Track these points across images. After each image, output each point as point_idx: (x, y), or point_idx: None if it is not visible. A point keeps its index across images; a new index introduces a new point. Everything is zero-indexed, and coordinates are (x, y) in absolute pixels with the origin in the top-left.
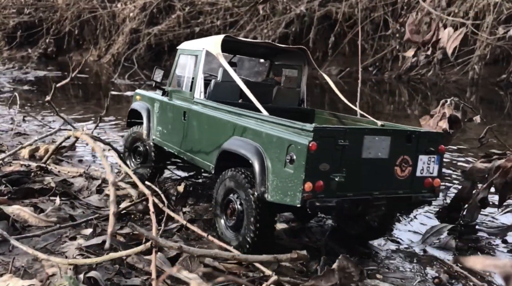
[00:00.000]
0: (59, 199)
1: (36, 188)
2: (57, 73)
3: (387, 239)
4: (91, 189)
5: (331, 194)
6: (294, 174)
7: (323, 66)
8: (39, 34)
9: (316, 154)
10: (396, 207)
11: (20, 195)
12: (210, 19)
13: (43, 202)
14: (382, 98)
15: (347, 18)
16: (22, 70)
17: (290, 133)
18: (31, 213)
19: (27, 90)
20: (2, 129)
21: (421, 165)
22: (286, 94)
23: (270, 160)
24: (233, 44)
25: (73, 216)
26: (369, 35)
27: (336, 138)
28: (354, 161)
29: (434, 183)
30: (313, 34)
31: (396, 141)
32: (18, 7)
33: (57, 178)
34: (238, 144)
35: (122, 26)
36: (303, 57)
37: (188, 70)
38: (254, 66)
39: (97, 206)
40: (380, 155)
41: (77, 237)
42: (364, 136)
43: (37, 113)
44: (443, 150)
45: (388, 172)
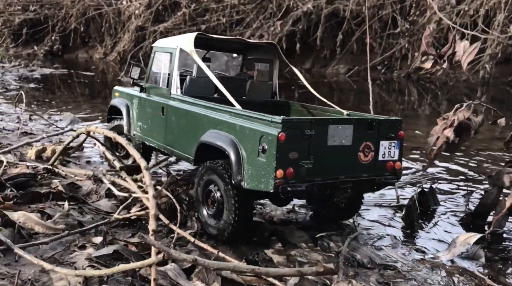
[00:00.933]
0: (67, 204)
1: (43, 192)
2: (63, 71)
3: (411, 248)
4: (99, 193)
5: (301, 180)
6: (267, 162)
7: (330, 65)
8: (44, 31)
9: (285, 144)
10: (361, 189)
11: (26, 199)
12: (216, 16)
13: (50, 207)
14: (391, 98)
15: (354, 16)
16: (28, 67)
17: (262, 125)
18: (38, 220)
19: (33, 88)
20: (8, 128)
21: (383, 150)
22: (259, 88)
23: (245, 150)
24: (206, 41)
25: (82, 223)
26: (377, 33)
27: (303, 129)
28: (321, 149)
29: (396, 166)
30: (320, 32)
31: (358, 129)
32: (23, 4)
33: (64, 181)
34: (214, 137)
35: (128, 24)
36: (273, 52)
37: (164, 67)
38: (227, 61)
39: (107, 211)
40: (344, 142)
41: (87, 246)
42: (329, 125)
43: (43, 112)
44: (402, 135)
45: (352, 157)
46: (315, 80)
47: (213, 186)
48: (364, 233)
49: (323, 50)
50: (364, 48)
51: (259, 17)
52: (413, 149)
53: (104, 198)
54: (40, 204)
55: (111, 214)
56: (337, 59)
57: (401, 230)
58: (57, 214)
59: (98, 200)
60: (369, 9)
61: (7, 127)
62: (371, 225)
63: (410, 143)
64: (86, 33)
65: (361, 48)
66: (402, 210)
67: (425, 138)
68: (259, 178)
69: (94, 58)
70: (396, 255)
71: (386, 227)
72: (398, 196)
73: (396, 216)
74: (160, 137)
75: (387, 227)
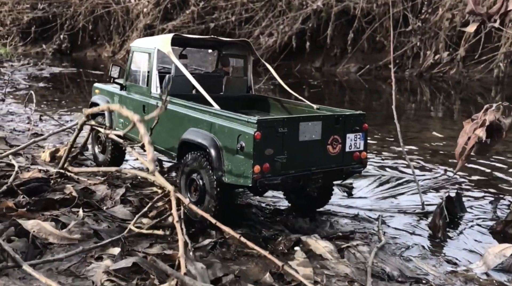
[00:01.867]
0: (82, 212)
1: (57, 199)
2: (72, 70)
3: (441, 259)
4: (114, 198)
5: (276, 173)
6: (245, 159)
7: (341, 63)
8: (53, 30)
9: (261, 142)
10: (331, 179)
11: (39, 206)
12: (225, 14)
13: (64, 215)
14: (403, 97)
15: (365, 14)
16: (37, 66)
17: (239, 125)
18: (53, 229)
19: (42, 88)
20: (19, 129)
21: (349, 142)
22: (235, 83)
23: (224, 148)
24: (182, 41)
25: (98, 232)
26: (388, 31)
27: (276, 127)
28: (293, 144)
29: (362, 156)
30: (330, 30)
31: (326, 124)
32: (32, 2)
33: (78, 186)
34: (195, 135)
35: (136, 22)
36: (247, 48)
37: (143, 66)
38: (203, 57)
39: (123, 219)
40: (314, 137)
41: (104, 257)
42: (300, 123)
43: (53, 112)
44: (367, 128)
45: (322, 150)
46: (326, 79)
47: (196, 175)
48: (390, 242)
49: (333, 49)
50: (376, 47)
51: (268, 15)
52: (432, 152)
53: (119, 204)
54: (54, 211)
55: (127, 222)
56: (348, 57)
57: (428, 239)
58: (72, 222)
59: (113, 206)
60: (380, 7)
61: (17, 128)
62: (396, 234)
63: (428, 145)
64: (95, 31)
65: (372, 46)
66: (427, 217)
67: (444, 140)
68: (238, 173)
69: (102, 57)
70: (427, 267)
71: (412, 235)
72: (423, 202)
73: (422, 223)
74: None
75: (414, 235)
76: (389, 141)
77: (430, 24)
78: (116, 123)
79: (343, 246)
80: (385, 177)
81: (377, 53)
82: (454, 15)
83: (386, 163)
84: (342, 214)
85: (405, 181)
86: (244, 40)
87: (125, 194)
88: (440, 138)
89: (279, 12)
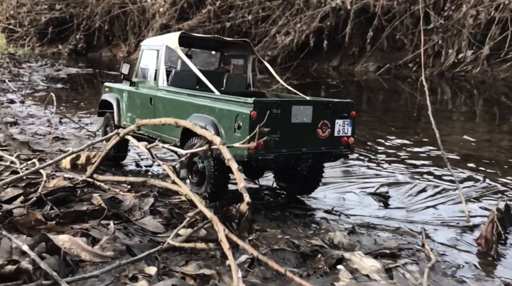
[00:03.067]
0: (113, 225)
1: (86, 210)
2: (88, 70)
3: (498, 281)
4: (143, 209)
5: (269, 151)
6: (241, 137)
7: (359, 62)
8: (69, 30)
9: (256, 121)
10: (320, 160)
11: (69, 219)
12: (241, 13)
13: (94, 228)
14: (423, 96)
15: (385, 12)
16: (55, 67)
17: (237, 106)
18: (85, 246)
19: (60, 88)
20: (40, 133)
21: (338, 127)
22: (235, 80)
23: (223, 128)
24: (188, 39)
25: (130, 247)
26: (409, 29)
27: (271, 108)
28: (286, 125)
29: (349, 141)
30: (349, 28)
31: (317, 109)
32: (49, 3)
33: (105, 195)
34: (197, 119)
35: (152, 22)
36: (247, 48)
37: (151, 63)
38: (207, 58)
39: (154, 232)
40: (305, 120)
41: (139, 277)
42: (292, 106)
43: (73, 114)
44: (354, 115)
45: (312, 133)
46: (344, 79)
47: (197, 158)
48: (439, 260)
49: (351, 47)
50: (395, 45)
51: (286, 13)
52: (465, 157)
53: (149, 215)
54: (83, 223)
55: (158, 235)
56: (366, 56)
57: (478, 257)
58: (103, 238)
59: (142, 217)
60: (401, 5)
61: (38, 131)
62: (443, 250)
63: (459, 149)
64: (110, 31)
65: (391, 45)
66: (473, 230)
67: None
68: (235, 150)
69: (117, 57)
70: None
71: (460, 252)
72: (469, 214)
73: (468, 237)
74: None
75: (462, 252)
76: (418, 145)
77: (453, 21)
78: (124, 117)
79: (390, 265)
80: (421, 185)
81: (397, 52)
82: (479, 12)
83: (420, 169)
84: (382, 226)
85: (443, 190)
86: (245, 40)
87: (154, 204)
88: (470, 141)
89: (296, 10)
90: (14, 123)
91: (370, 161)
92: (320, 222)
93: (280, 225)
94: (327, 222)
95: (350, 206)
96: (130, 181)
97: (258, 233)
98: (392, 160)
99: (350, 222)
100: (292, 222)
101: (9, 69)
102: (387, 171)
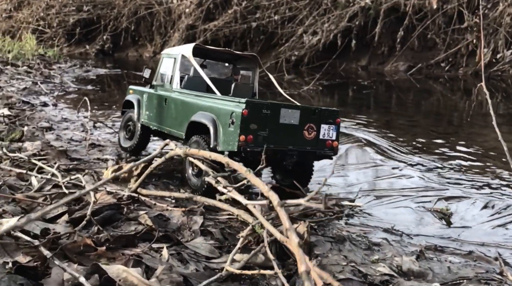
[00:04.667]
0: (166, 251)
1: (136, 233)
2: (117, 71)
3: None
4: (192, 228)
5: (258, 145)
6: (234, 131)
7: (388, 62)
8: (97, 31)
9: (247, 118)
10: (305, 158)
11: (119, 244)
12: (267, 14)
13: (146, 254)
14: (455, 97)
15: (416, 11)
16: (84, 67)
17: (233, 105)
18: (140, 278)
19: (91, 90)
20: (75, 139)
21: (323, 131)
22: (242, 88)
23: (221, 124)
24: (203, 51)
25: (188, 279)
26: (441, 28)
27: (261, 109)
28: (274, 124)
29: (333, 144)
30: (379, 28)
31: (304, 114)
32: (77, 4)
33: (150, 212)
34: (201, 116)
35: (178, 22)
36: (255, 62)
37: (169, 69)
38: (220, 68)
39: (208, 256)
40: (292, 122)
41: None
42: (281, 108)
43: (106, 118)
44: (339, 122)
45: (299, 133)
46: (374, 78)
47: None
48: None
49: (380, 47)
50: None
51: (313, 13)
52: None
53: (199, 235)
54: (134, 248)
55: (212, 260)
56: (396, 56)
57: None
58: (159, 267)
59: (192, 238)
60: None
61: (74, 137)
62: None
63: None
64: (136, 32)
65: (422, 44)
66: None
67: None
68: (228, 142)
69: (144, 57)
70: None
71: None
72: None
73: None
74: (162, 121)
75: None
76: (467, 153)
77: (489, 20)
78: (142, 115)
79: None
80: (482, 200)
81: (428, 51)
82: None
83: (475, 182)
84: (450, 250)
85: (508, 206)
86: (253, 54)
87: (203, 223)
88: None
89: (324, 10)
90: (50, 128)
91: (419, 171)
92: (381, 244)
93: (341, 248)
94: (389, 244)
95: (409, 224)
96: (174, 196)
97: (319, 259)
98: (442, 170)
99: (414, 244)
100: (351, 244)
101: (40, 70)
102: (439, 183)
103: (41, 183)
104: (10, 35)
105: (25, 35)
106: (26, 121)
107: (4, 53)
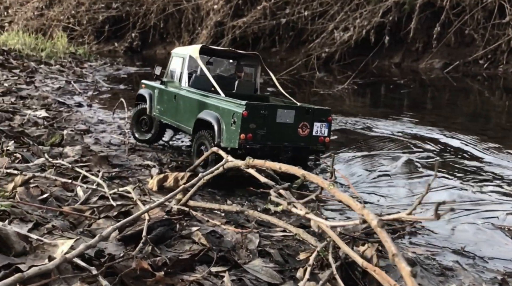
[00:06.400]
0: (228, 278)
1: (193, 255)
2: (147, 69)
3: None
4: (248, 248)
5: (256, 142)
6: (235, 130)
7: (423, 59)
8: (125, 28)
9: (247, 118)
10: (300, 153)
11: (178, 268)
12: (297, 9)
13: (206, 280)
14: (494, 96)
15: (454, 5)
16: (114, 66)
17: (234, 107)
18: None
19: (123, 90)
20: (114, 142)
21: (316, 128)
22: (244, 85)
23: (224, 123)
24: (210, 50)
25: None
26: (480, 23)
27: (259, 110)
28: (271, 124)
29: (325, 140)
30: (414, 23)
31: (298, 113)
32: (106, 2)
33: (203, 227)
34: (206, 114)
35: (207, 19)
36: (257, 60)
37: (178, 67)
38: (226, 65)
39: (270, 283)
40: (288, 121)
41: None
42: (277, 109)
43: None
44: (330, 120)
45: (293, 131)
46: (410, 76)
47: (203, 147)
48: None
49: (414, 43)
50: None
51: (344, 8)
52: None
53: (257, 257)
54: (192, 273)
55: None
56: (432, 52)
57: None
58: None
59: (250, 259)
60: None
61: (112, 140)
62: None
63: None
64: (165, 29)
65: (459, 40)
66: None
67: None
68: (230, 139)
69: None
70: None
71: None
72: None
73: None
74: (172, 116)
75: None
76: None
77: None
78: (154, 109)
79: None
80: None
81: (465, 48)
82: None
83: None
84: None
85: None
86: (255, 53)
87: (260, 242)
88: None
89: (356, 5)
90: (87, 131)
91: (476, 182)
92: (455, 269)
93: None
94: (463, 269)
95: (480, 244)
96: (224, 209)
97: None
98: (501, 181)
99: (491, 270)
100: (422, 268)
101: (72, 69)
102: (500, 196)
103: (86, 194)
104: (42, 32)
105: (56, 33)
106: (63, 123)
107: (38, 52)
